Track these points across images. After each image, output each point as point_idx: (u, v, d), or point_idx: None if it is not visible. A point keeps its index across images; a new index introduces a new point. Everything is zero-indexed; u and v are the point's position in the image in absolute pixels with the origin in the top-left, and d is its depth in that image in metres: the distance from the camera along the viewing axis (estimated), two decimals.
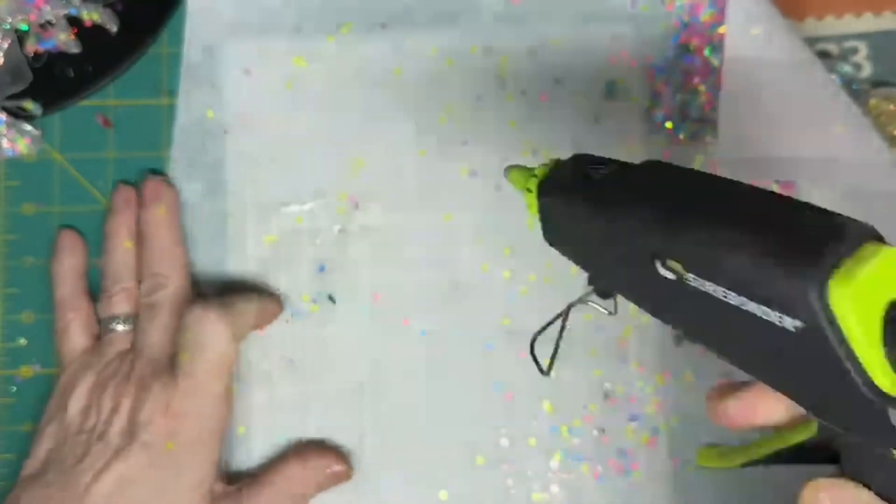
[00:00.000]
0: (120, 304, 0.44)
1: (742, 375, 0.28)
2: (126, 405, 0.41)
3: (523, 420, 0.45)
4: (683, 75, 0.47)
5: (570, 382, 0.45)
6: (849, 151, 0.43)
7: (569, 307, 0.35)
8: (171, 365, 0.42)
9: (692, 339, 0.43)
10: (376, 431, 0.45)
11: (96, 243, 0.46)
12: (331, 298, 0.46)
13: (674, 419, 0.45)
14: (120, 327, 0.44)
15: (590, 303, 0.34)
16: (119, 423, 0.41)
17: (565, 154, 0.46)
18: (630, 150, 0.46)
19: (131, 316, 0.44)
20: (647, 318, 0.46)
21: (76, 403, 0.42)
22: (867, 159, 0.43)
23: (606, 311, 0.34)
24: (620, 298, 0.33)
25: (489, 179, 0.46)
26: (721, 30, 0.46)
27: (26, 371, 0.46)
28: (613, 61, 0.47)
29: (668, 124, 0.47)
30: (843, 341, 0.22)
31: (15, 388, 0.46)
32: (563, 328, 0.36)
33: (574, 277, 0.46)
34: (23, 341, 0.46)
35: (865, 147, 0.43)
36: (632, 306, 0.45)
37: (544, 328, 0.36)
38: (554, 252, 0.45)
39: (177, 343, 0.42)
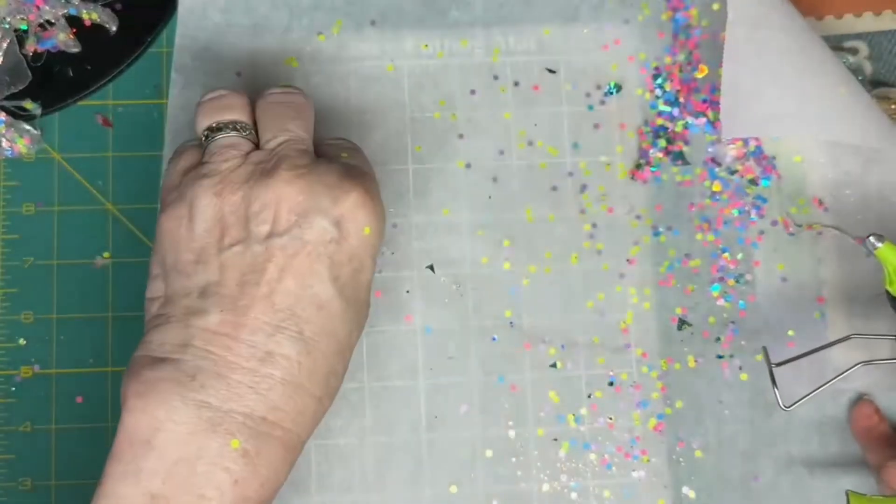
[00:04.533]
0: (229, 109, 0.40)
1: None
2: (278, 202, 0.37)
3: (530, 411, 0.45)
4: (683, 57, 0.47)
5: (574, 371, 0.46)
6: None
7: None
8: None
9: None
10: (380, 430, 0.45)
11: (97, 244, 0.46)
12: None
13: (679, 403, 0.45)
14: (232, 133, 0.39)
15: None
16: (280, 222, 0.37)
17: (559, 144, 0.47)
18: (625, 139, 0.47)
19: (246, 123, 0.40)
20: (647, 304, 0.46)
21: (203, 215, 0.37)
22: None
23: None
24: None
25: (486, 172, 0.47)
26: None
27: (26, 371, 0.45)
28: (607, 50, 0.48)
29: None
30: None
31: (15, 388, 0.45)
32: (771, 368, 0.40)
33: (573, 268, 0.47)
34: (23, 341, 0.45)
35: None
36: (633, 291, 0.46)
37: (793, 359, 0.40)
38: (553, 242, 0.46)
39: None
